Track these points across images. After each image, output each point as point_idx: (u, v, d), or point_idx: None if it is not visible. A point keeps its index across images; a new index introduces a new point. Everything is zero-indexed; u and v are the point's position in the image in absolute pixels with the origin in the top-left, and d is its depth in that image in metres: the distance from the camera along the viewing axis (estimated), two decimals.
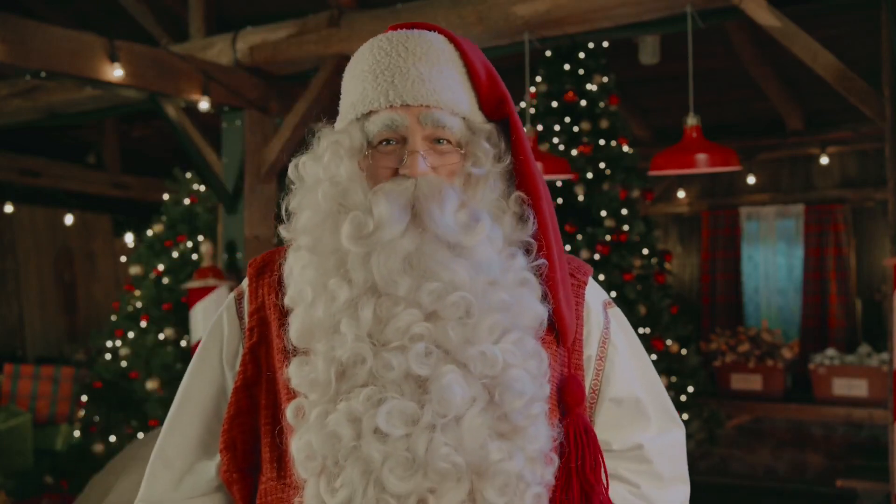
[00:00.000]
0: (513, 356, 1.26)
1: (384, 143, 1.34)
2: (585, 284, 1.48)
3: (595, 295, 1.49)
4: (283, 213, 1.41)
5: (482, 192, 1.35)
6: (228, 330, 1.47)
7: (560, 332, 1.38)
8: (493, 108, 1.40)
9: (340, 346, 1.25)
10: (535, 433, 1.28)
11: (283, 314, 1.37)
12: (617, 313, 1.52)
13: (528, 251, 1.36)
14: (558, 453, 1.35)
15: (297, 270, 1.34)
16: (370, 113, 1.34)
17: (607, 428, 1.45)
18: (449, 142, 1.34)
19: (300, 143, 1.44)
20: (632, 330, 1.55)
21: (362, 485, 1.21)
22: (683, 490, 1.51)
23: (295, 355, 1.32)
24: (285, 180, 1.45)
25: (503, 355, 1.25)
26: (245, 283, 1.49)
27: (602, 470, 1.37)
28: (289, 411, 1.30)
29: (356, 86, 1.37)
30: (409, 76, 1.32)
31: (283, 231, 1.40)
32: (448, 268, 1.26)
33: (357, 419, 1.22)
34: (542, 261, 1.35)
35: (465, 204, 1.32)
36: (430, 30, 1.42)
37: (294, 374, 1.30)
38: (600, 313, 1.48)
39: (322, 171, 1.36)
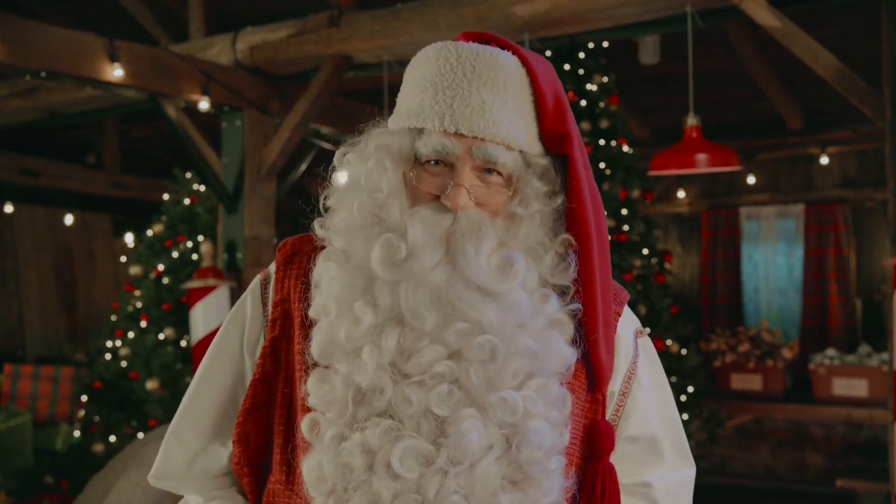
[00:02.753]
0: (534, 404, 1.24)
1: (433, 162, 1.29)
2: (619, 316, 1.44)
3: (627, 325, 1.46)
4: (321, 207, 1.37)
5: (525, 230, 1.30)
6: (251, 314, 1.45)
7: (597, 378, 1.35)
8: (555, 141, 1.34)
9: (361, 373, 1.23)
10: (549, 487, 1.26)
11: (306, 316, 1.36)
12: (646, 343, 1.49)
13: (564, 292, 1.32)
14: (572, 500, 1.33)
15: (325, 282, 1.31)
16: (423, 129, 1.29)
17: (618, 461, 1.42)
18: (499, 174, 1.29)
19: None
20: (658, 362, 1.51)
21: None
22: None
23: (315, 367, 1.31)
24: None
25: (524, 403, 1.23)
26: (272, 268, 1.46)
27: None
28: (304, 425, 1.29)
29: (415, 93, 1.31)
30: (469, 103, 1.26)
31: (318, 228, 1.36)
32: (477, 309, 1.23)
33: (371, 451, 1.21)
34: (576, 305, 1.31)
35: (503, 243, 1.28)
36: (503, 46, 1.34)
37: (312, 390, 1.28)
38: (630, 345, 1.45)
39: (364, 178, 1.32)
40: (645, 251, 5.63)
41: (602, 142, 5.61)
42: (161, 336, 5.95)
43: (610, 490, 1.35)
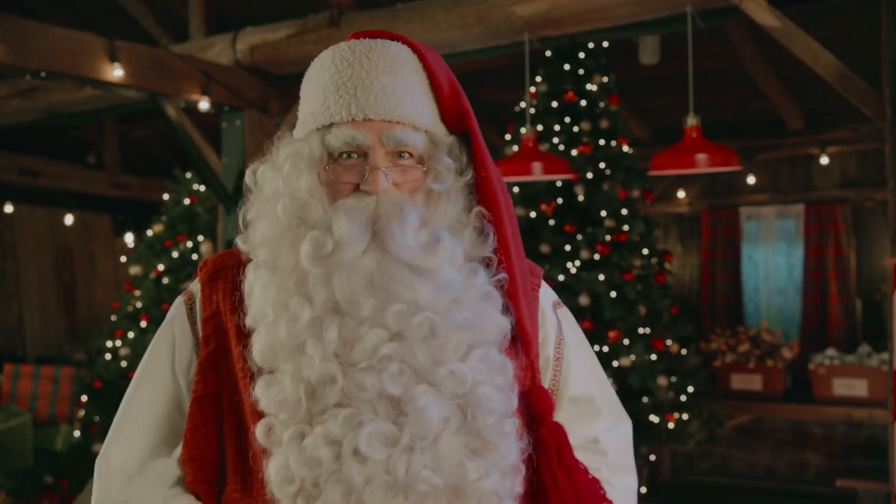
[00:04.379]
0: (480, 373, 1.28)
1: (345, 155, 1.32)
2: (539, 287, 1.50)
3: (546, 297, 1.52)
4: (241, 223, 1.40)
5: (444, 207, 1.35)
6: (179, 335, 1.44)
7: (522, 344, 1.40)
8: (454, 120, 1.40)
9: (308, 367, 1.25)
10: (508, 449, 1.30)
11: (242, 326, 1.35)
12: (565, 313, 1.55)
13: (488, 265, 1.37)
14: (527, 463, 1.36)
15: (258, 290, 1.33)
16: (331, 125, 1.32)
17: (566, 423, 1.45)
18: (411, 155, 1.34)
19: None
20: (579, 328, 1.57)
21: None
22: (632, 480, 1.54)
23: (260, 375, 1.30)
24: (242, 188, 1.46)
25: (472, 374, 1.27)
26: (196, 287, 1.46)
27: (582, 471, 1.40)
28: (259, 431, 1.29)
29: (317, 95, 1.35)
30: (371, 90, 1.31)
31: (240, 243, 1.39)
32: (411, 288, 1.26)
33: (336, 441, 1.23)
34: (503, 275, 1.36)
35: (426, 222, 1.32)
36: (392, 38, 1.40)
37: (262, 394, 1.29)
38: (552, 315, 1.50)
39: (282, 183, 1.35)
40: (645, 251, 5.63)
41: (602, 142, 5.61)
42: None
43: (562, 448, 1.39)
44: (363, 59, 1.33)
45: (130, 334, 6.06)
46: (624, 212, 5.55)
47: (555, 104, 5.68)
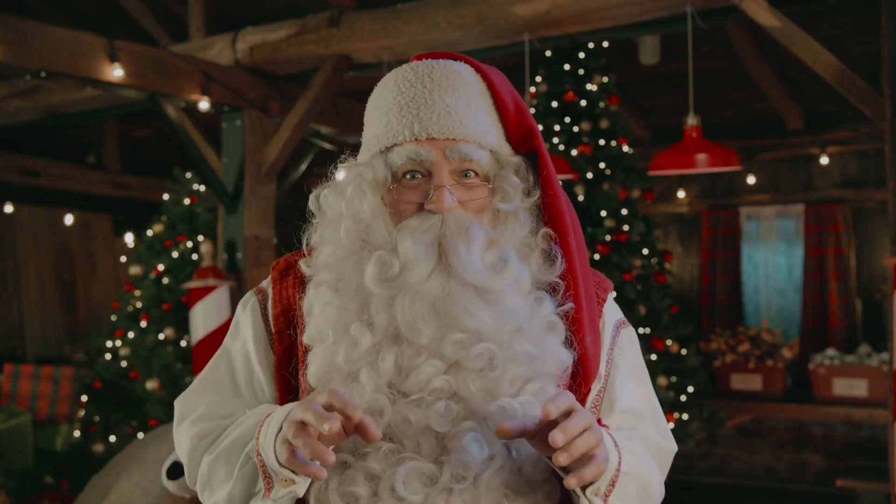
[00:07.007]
0: (532, 408, 1.23)
1: (409, 176, 1.29)
2: (605, 302, 1.44)
3: (611, 313, 1.46)
4: (304, 246, 1.38)
5: (511, 228, 1.31)
6: (254, 333, 1.43)
7: (584, 374, 1.35)
8: (520, 140, 1.36)
9: (359, 397, 1.22)
10: (551, 489, 1.26)
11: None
12: (630, 333, 1.48)
13: (554, 289, 1.32)
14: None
15: (318, 308, 1.31)
16: (394, 146, 1.29)
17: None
18: (476, 174, 1.30)
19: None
20: (639, 353, 1.51)
21: None
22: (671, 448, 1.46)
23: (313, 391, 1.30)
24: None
25: (523, 409, 1.23)
26: (268, 284, 1.45)
27: None
28: None
29: (380, 118, 1.33)
30: (434, 108, 1.28)
31: (304, 267, 1.37)
32: (474, 316, 1.22)
33: (374, 477, 1.21)
34: (569, 305, 1.31)
35: (493, 242, 1.29)
36: (455, 59, 1.37)
37: None
38: (611, 330, 1.44)
39: (344, 206, 1.33)
40: (645, 251, 5.63)
41: (602, 142, 5.61)
42: (161, 336, 5.95)
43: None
44: (425, 78, 1.31)
45: (130, 334, 6.06)
46: (624, 212, 5.55)
47: (555, 104, 5.68)
